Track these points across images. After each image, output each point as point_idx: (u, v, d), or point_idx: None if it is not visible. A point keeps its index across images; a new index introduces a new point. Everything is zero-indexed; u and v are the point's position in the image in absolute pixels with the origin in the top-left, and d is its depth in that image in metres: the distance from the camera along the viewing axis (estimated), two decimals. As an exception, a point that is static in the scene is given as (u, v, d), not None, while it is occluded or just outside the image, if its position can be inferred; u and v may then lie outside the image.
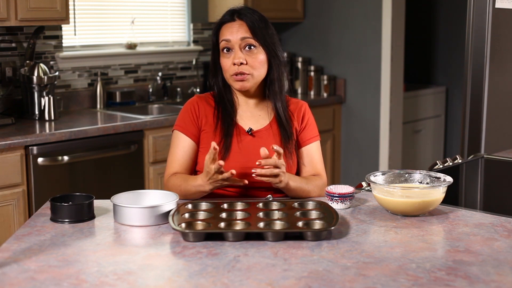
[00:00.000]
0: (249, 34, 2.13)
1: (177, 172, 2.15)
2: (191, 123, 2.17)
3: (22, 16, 3.41)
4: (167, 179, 2.14)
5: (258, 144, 2.11)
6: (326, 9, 4.86)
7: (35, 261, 1.50)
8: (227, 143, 2.12)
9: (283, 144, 2.15)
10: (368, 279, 1.39)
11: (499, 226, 1.75)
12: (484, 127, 3.10)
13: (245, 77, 2.13)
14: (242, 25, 2.14)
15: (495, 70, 3.08)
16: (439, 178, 1.92)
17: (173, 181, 2.11)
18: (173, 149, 2.18)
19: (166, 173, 2.17)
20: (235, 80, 2.14)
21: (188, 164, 2.16)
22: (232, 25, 2.14)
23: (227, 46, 2.13)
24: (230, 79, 2.15)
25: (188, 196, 2.05)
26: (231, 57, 2.13)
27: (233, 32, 2.13)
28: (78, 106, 4.06)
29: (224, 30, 2.15)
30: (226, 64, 2.14)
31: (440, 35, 5.79)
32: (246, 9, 2.18)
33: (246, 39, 2.12)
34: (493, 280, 1.38)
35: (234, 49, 2.13)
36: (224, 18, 2.18)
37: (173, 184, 2.10)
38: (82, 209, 1.80)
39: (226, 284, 1.36)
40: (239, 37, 2.12)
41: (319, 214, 1.78)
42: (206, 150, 2.13)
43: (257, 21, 2.15)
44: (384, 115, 4.66)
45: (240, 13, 2.16)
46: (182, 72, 4.58)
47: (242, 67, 2.11)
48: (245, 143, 2.15)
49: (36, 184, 3.24)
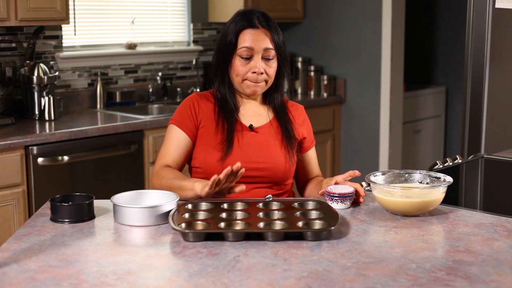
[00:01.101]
0: (271, 46, 2.14)
1: (169, 165, 2.13)
2: (188, 119, 2.17)
3: (22, 16, 3.41)
4: (159, 169, 2.11)
5: (259, 140, 2.14)
6: (326, 9, 4.86)
7: (35, 261, 1.50)
8: (230, 139, 2.12)
9: (284, 142, 2.17)
10: (368, 279, 1.39)
11: (499, 226, 1.75)
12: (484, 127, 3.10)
13: (261, 84, 2.15)
14: (266, 34, 2.13)
15: (495, 70, 3.08)
16: (439, 178, 1.92)
17: (165, 172, 2.08)
18: (167, 141, 2.16)
19: (157, 163, 2.14)
20: (250, 86, 2.14)
21: (180, 159, 2.15)
22: (257, 33, 2.13)
23: (249, 54, 2.13)
24: (241, 84, 2.16)
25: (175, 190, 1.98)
26: (249, 65, 2.13)
27: (256, 40, 2.12)
28: (78, 106, 4.06)
29: (246, 36, 2.13)
30: (242, 70, 2.13)
31: (440, 35, 5.79)
32: (262, 16, 2.16)
33: (269, 51, 2.13)
34: (493, 280, 1.39)
35: (253, 58, 2.13)
36: (245, 21, 2.14)
37: (164, 175, 2.06)
38: (82, 209, 1.80)
39: (226, 284, 1.36)
40: (263, 47, 2.12)
41: (319, 214, 1.78)
42: (205, 146, 2.13)
43: (276, 31, 2.16)
44: (384, 115, 4.66)
45: (260, 20, 2.14)
46: (182, 72, 4.58)
47: (260, 76, 2.13)
48: (246, 139, 2.15)
49: (36, 184, 3.24)
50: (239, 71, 2.14)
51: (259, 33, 2.13)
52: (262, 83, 2.15)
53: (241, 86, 2.16)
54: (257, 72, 2.12)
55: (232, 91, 2.20)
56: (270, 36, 2.14)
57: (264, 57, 2.13)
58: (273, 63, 2.15)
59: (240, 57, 2.13)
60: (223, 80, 2.19)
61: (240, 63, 2.13)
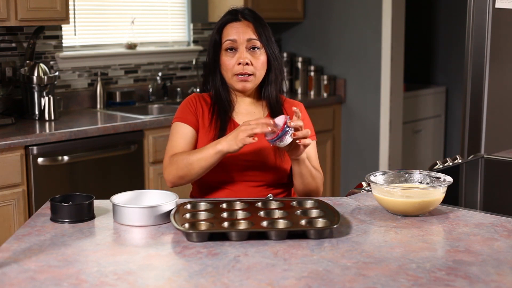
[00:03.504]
0: (255, 36, 2.14)
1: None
2: (190, 114, 2.18)
3: (22, 16, 3.41)
4: (168, 160, 2.10)
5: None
6: (326, 9, 4.86)
7: (35, 261, 1.50)
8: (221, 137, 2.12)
9: None
10: (368, 279, 1.39)
11: (499, 226, 1.75)
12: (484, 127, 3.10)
13: (249, 78, 2.14)
14: (248, 25, 2.15)
15: (495, 70, 3.08)
16: (439, 178, 1.92)
17: (176, 157, 2.07)
18: (172, 136, 2.16)
19: (165, 158, 2.13)
20: (238, 80, 2.14)
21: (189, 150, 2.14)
22: (238, 25, 2.15)
23: (232, 46, 2.14)
24: (231, 79, 2.15)
25: (195, 163, 2.02)
26: (235, 57, 2.13)
27: (239, 32, 2.13)
28: (78, 106, 4.06)
29: (229, 30, 2.15)
30: (229, 63, 2.14)
31: (440, 35, 5.80)
32: (248, 10, 2.19)
33: (252, 41, 2.14)
34: (493, 280, 1.38)
35: (238, 49, 2.13)
36: (227, 17, 2.18)
37: (177, 159, 2.06)
38: (82, 209, 1.80)
39: (226, 284, 1.36)
40: (246, 38, 2.13)
41: (319, 213, 1.78)
42: (199, 145, 2.14)
43: (261, 23, 2.16)
44: (384, 115, 4.66)
45: (244, 13, 2.17)
46: (182, 72, 4.58)
47: (246, 67, 2.12)
48: None
49: (36, 184, 3.25)
50: (227, 65, 2.14)
51: (241, 25, 2.15)
52: (251, 76, 2.13)
53: (231, 81, 2.16)
54: (243, 62, 2.11)
55: (226, 88, 2.20)
56: (253, 27, 2.14)
57: (248, 48, 2.13)
58: (260, 55, 2.14)
59: (226, 51, 2.14)
60: (216, 78, 2.20)
61: (227, 57, 2.14)
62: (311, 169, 2.11)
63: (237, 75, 2.13)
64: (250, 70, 2.13)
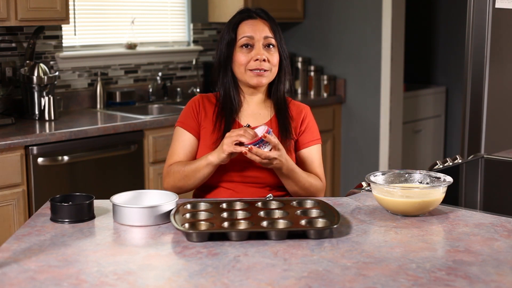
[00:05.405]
0: (271, 34, 2.17)
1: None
2: (191, 118, 2.19)
3: (22, 16, 3.41)
4: (167, 169, 2.16)
5: None
6: (326, 9, 4.86)
7: (35, 261, 1.50)
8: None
9: (281, 142, 2.16)
10: (368, 279, 1.39)
11: (499, 226, 1.75)
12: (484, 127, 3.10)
13: (265, 73, 2.15)
14: (265, 23, 2.17)
15: (495, 70, 3.08)
16: (439, 178, 1.92)
17: (174, 168, 2.14)
18: (173, 142, 2.21)
19: (165, 165, 2.19)
20: (254, 75, 2.15)
21: (186, 158, 2.18)
22: (255, 23, 2.17)
23: (248, 42, 2.15)
24: (245, 74, 2.16)
25: (191, 175, 2.08)
26: (250, 53, 2.14)
27: (256, 30, 2.15)
28: (78, 106, 4.06)
29: (245, 27, 2.16)
30: (244, 59, 2.15)
31: (440, 35, 5.80)
32: (261, 9, 2.22)
33: (269, 38, 2.16)
34: (493, 280, 1.38)
35: (255, 46, 2.15)
36: (242, 15, 2.19)
37: (174, 171, 2.12)
38: (82, 209, 1.80)
39: (226, 284, 1.36)
40: (263, 35, 2.15)
41: (319, 213, 1.78)
42: (205, 147, 2.14)
43: (275, 22, 2.20)
44: (384, 115, 4.66)
45: (258, 12, 2.20)
46: (182, 72, 4.58)
47: (263, 63, 2.14)
48: None
49: (36, 184, 3.25)
50: (241, 60, 2.15)
51: (258, 22, 2.17)
52: (266, 72, 2.15)
53: (245, 77, 2.16)
54: (260, 58, 2.13)
55: (236, 87, 2.21)
56: (269, 25, 2.17)
57: (265, 45, 2.15)
58: (274, 53, 2.17)
59: (241, 48, 2.15)
60: (227, 77, 2.19)
61: (242, 53, 2.15)
62: (300, 181, 2.10)
63: (251, 70, 2.14)
64: (266, 67, 2.15)
